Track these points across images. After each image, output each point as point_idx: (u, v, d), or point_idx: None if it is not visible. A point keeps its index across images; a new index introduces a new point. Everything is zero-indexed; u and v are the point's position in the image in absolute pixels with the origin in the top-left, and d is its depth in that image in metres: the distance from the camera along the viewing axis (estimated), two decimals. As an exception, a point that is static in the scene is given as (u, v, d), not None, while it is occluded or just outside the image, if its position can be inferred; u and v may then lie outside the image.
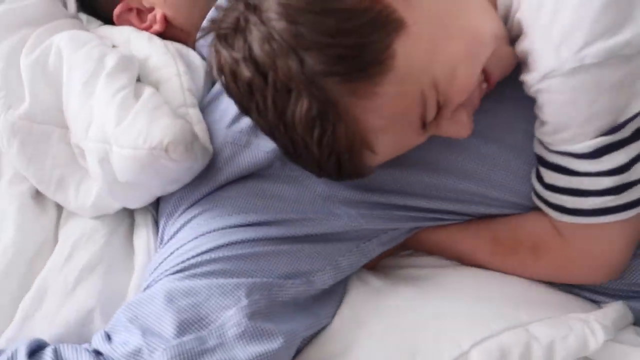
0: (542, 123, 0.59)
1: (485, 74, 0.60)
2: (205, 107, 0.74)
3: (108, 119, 0.65)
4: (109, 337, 0.60)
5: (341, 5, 0.53)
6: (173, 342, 0.57)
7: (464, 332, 0.62)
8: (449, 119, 0.59)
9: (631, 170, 0.57)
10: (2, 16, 0.76)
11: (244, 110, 0.59)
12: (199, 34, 0.64)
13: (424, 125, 0.57)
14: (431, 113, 0.56)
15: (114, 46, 0.76)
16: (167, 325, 0.58)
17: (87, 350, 0.59)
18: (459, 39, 0.56)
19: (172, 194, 0.71)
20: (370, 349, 0.63)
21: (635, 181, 0.58)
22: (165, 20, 0.80)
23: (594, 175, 0.58)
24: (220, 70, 0.57)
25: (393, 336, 0.63)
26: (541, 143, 0.61)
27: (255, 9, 0.54)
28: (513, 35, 0.59)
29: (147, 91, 0.68)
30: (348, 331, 0.64)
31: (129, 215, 0.77)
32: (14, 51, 0.74)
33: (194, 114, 0.69)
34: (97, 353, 0.59)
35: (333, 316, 0.66)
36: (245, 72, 0.54)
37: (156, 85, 0.72)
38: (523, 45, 0.57)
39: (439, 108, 0.57)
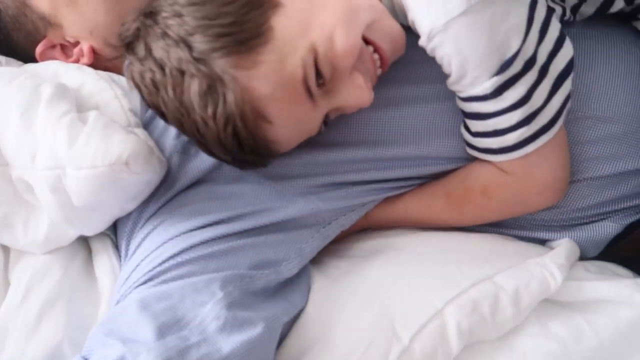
0: (447, 75, 0.65)
1: (374, 45, 0.65)
2: (146, 127, 0.73)
3: (58, 143, 0.63)
4: (86, 359, 0.58)
5: None
6: (155, 343, 0.55)
7: (436, 293, 0.65)
8: (347, 85, 0.63)
9: (532, 99, 0.63)
10: None
11: (155, 110, 0.63)
12: (109, 51, 0.67)
13: (309, 93, 0.62)
14: (312, 79, 0.61)
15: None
16: (145, 331, 0.57)
17: None
18: (334, 7, 0.62)
19: (129, 213, 0.69)
20: (348, 328, 0.64)
21: (540, 107, 0.64)
22: (93, 52, 0.80)
23: (502, 113, 0.64)
24: (132, 76, 0.63)
25: (369, 309, 0.64)
26: (456, 94, 0.67)
27: (151, 14, 0.61)
28: (404, 15, 0.65)
29: (92, 113, 0.67)
30: (324, 314, 0.65)
31: (83, 245, 0.74)
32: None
33: (141, 132, 0.69)
34: None
35: (305, 300, 0.66)
36: (148, 71, 0.60)
37: (97, 111, 0.70)
38: (409, 17, 0.63)
39: (326, 75, 0.62)
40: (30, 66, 0.79)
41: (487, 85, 0.62)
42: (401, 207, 0.75)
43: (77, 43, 0.80)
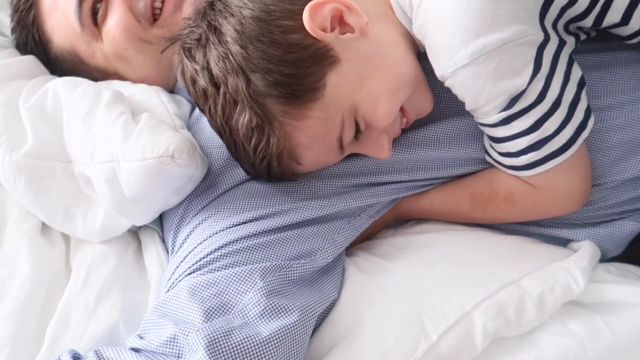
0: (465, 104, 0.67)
1: (403, 110, 0.69)
2: (191, 129, 0.77)
3: (113, 139, 0.67)
4: (141, 337, 0.61)
5: (286, 40, 0.61)
6: (203, 325, 0.58)
7: (465, 295, 0.65)
8: (373, 142, 0.68)
9: (542, 129, 0.64)
10: (-4, 69, 0.78)
11: (200, 109, 0.67)
12: (166, 43, 0.70)
13: (341, 146, 0.66)
14: (348, 136, 0.65)
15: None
16: (194, 314, 0.59)
17: (126, 348, 0.60)
18: (383, 77, 0.64)
19: (177, 208, 0.72)
20: (378, 320, 0.65)
21: (550, 135, 0.65)
22: None
23: (512, 138, 0.66)
24: (183, 74, 0.66)
25: (400, 305, 0.65)
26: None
27: (216, 30, 0.62)
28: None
29: (144, 115, 0.70)
30: (357, 306, 0.66)
31: (135, 238, 0.77)
32: (11, 100, 0.76)
33: (186, 133, 0.72)
34: (135, 350, 0.59)
35: (339, 291, 0.68)
36: (202, 81, 0.63)
37: (147, 115, 0.74)
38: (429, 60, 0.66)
39: (359, 131, 0.65)
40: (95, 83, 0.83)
41: (495, 117, 0.64)
42: (427, 202, 0.76)
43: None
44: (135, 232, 0.79)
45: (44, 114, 0.74)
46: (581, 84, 0.67)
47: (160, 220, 0.77)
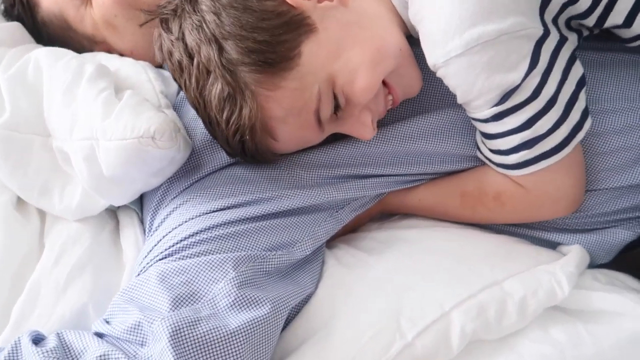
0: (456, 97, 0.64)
1: (389, 87, 0.65)
2: (178, 108, 0.74)
3: (94, 116, 0.64)
4: (107, 322, 0.59)
5: (261, 7, 0.59)
6: (170, 313, 0.56)
7: (446, 294, 0.63)
8: (355, 119, 0.64)
9: (535, 126, 0.62)
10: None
11: (177, 83, 0.65)
12: (145, 16, 0.68)
13: (319, 121, 0.62)
14: (325, 110, 0.62)
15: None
16: (162, 301, 0.57)
17: (89, 333, 0.57)
18: (364, 47, 0.62)
19: (157, 189, 0.70)
20: (354, 316, 0.62)
21: (543, 134, 0.62)
22: None
23: (503, 135, 0.63)
24: (161, 48, 0.64)
25: (378, 300, 0.63)
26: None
27: (192, 0, 0.60)
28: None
29: (127, 92, 0.67)
30: (334, 299, 0.64)
31: (112, 218, 0.75)
32: (-11, 68, 0.73)
33: (171, 113, 0.69)
34: (99, 335, 0.57)
35: (316, 284, 0.66)
36: (177, 53, 0.61)
37: (132, 91, 0.71)
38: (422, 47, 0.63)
39: (339, 106, 0.62)
40: (80, 55, 0.79)
41: (487, 112, 0.62)
42: (415, 198, 0.74)
43: (121, 55, 0.81)
44: (114, 212, 0.76)
45: (24, 84, 0.72)
46: (580, 84, 0.64)
47: (141, 200, 0.75)
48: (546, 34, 0.60)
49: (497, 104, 0.61)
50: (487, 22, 0.56)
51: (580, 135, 0.64)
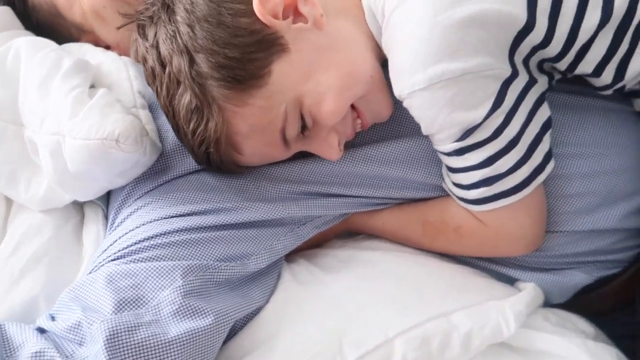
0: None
1: (357, 111, 0.66)
2: (155, 109, 0.74)
3: (63, 112, 0.64)
4: (52, 318, 0.59)
5: (235, 23, 0.59)
6: (111, 316, 0.56)
7: (393, 321, 0.63)
8: (322, 140, 0.65)
9: (495, 165, 0.62)
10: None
11: (151, 88, 0.66)
12: (124, 20, 0.69)
13: (285, 139, 0.63)
14: (291, 130, 0.62)
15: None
16: (106, 303, 0.57)
17: (31, 327, 0.58)
18: (334, 71, 0.62)
19: (123, 188, 0.70)
20: (299, 334, 0.63)
21: (503, 174, 0.62)
22: None
23: (464, 170, 0.63)
24: (136, 52, 0.65)
25: (325, 320, 0.63)
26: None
27: (168, 9, 0.61)
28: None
29: (101, 90, 0.68)
30: (282, 314, 0.64)
31: (79, 210, 0.75)
32: (-29, 52, 0.74)
33: (144, 114, 0.70)
34: (42, 330, 0.58)
35: (267, 299, 0.66)
36: (151, 60, 0.62)
37: (109, 89, 0.71)
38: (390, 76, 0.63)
39: (306, 127, 0.63)
40: (66, 45, 0.80)
41: (449, 147, 0.62)
42: (379, 221, 0.74)
43: (108, 47, 0.82)
44: (81, 206, 0.77)
45: (2, 72, 0.72)
46: (546, 126, 0.64)
47: (108, 197, 0.75)
48: (514, 74, 0.60)
49: (458, 140, 0.61)
50: (452, 60, 0.56)
51: (541, 178, 0.65)
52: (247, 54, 0.59)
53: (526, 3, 0.57)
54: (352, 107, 0.65)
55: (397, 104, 0.67)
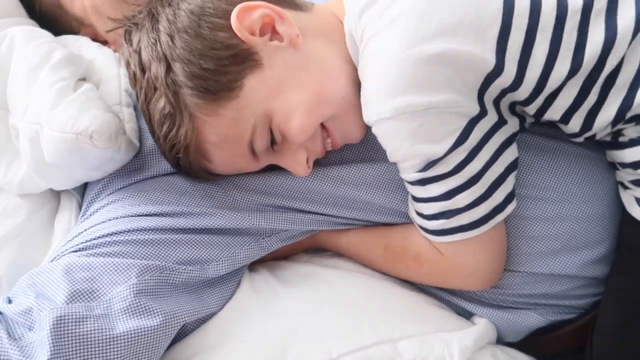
0: None
1: (327, 131, 0.67)
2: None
3: (44, 103, 0.66)
4: (9, 300, 0.61)
5: (212, 36, 0.61)
6: (62, 305, 0.58)
7: (339, 341, 0.65)
8: (290, 155, 0.66)
9: (454, 199, 0.63)
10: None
11: (134, 90, 0.68)
12: (112, 25, 0.71)
13: (253, 151, 0.65)
14: (259, 143, 0.64)
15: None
16: (60, 292, 0.59)
17: None
18: (304, 90, 0.63)
19: (98, 181, 0.72)
20: (245, 343, 0.64)
21: (461, 209, 0.63)
22: None
23: (426, 200, 0.64)
24: (122, 55, 0.68)
25: (273, 333, 0.65)
26: None
27: (152, 18, 0.64)
28: None
29: (86, 85, 0.70)
30: (232, 322, 0.66)
31: (55, 198, 0.77)
32: (-32, 36, 0.76)
33: (127, 112, 0.72)
34: None
35: (223, 306, 0.67)
36: (133, 64, 0.65)
37: (97, 84, 0.74)
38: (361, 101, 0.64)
39: (275, 142, 0.64)
40: (64, 37, 0.83)
41: (412, 176, 0.63)
42: (344, 241, 0.75)
43: (105, 42, 0.84)
44: (58, 193, 0.79)
45: (-5, 58, 0.75)
46: (511, 168, 0.65)
47: (85, 188, 0.77)
48: (482, 114, 0.61)
49: (420, 171, 0.62)
50: (417, 94, 0.58)
51: (500, 217, 0.66)
52: (221, 67, 0.61)
53: (495, 48, 0.58)
54: (323, 126, 0.67)
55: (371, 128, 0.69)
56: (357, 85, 0.67)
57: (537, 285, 0.72)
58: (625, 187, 0.68)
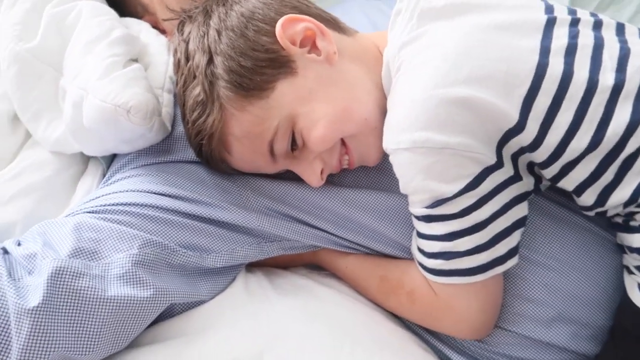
0: None
1: (346, 148, 0.69)
2: None
3: (93, 72, 0.71)
4: (19, 243, 0.64)
5: (255, 38, 0.65)
6: (64, 258, 0.60)
7: (316, 357, 0.65)
8: (307, 163, 0.69)
9: (455, 242, 0.63)
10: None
11: (175, 76, 0.72)
12: (170, 15, 0.76)
13: (272, 152, 0.67)
14: (279, 145, 0.67)
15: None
16: (65, 246, 0.62)
17: None
18: (331, 103, 0.66)
19: (125, 155, 0.76)
20: (226, 336, 0.65)
21: (461, 253, 0.64)
22: None
23: (428, 238, 0.65)
24: (172, 42, 0.72)
25: (254, 335, 0.66)
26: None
27: (206, 14, 0.68)
28: None
29: (134, 65, 0.74)
30: (218, 315, 0.67)
31: (83, 162, 0.81)
32: (42, 0, 0.82)
33: (167, 97, 0.75)
34: (5, 251, 0.63)
35: (213, 297, 0.69)
36: (179, 52, 0.69)
37: (146, 67, 0.78)
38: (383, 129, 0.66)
39: (296, 146, 0.67)
40: (128, 19, 0.88)
41: (419, 211, 0.64)
42: (343, 264, 0.76)
43: (163, 31, 0.89)
44: (87, 158, 0.83)
45: (61, 24, 0.80)
46: (518, 224, 0.65)
47: (112, 160, 0.81)
48: (498, 165, 0.62)
49: (427, 207, 0.63)
50: (436, 132, 0.59)
51: (499, 269, 0.66)
52: (258, 67, 0.64)
53: (520, 106, 0.59)
54: (343, 143, 0.69)
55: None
56: (383, 111, 0.68)
57: (524, 349, 0.71)
58: (630, 272, 0.67)
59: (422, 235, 0.67)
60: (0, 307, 0.56)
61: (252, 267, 0.77)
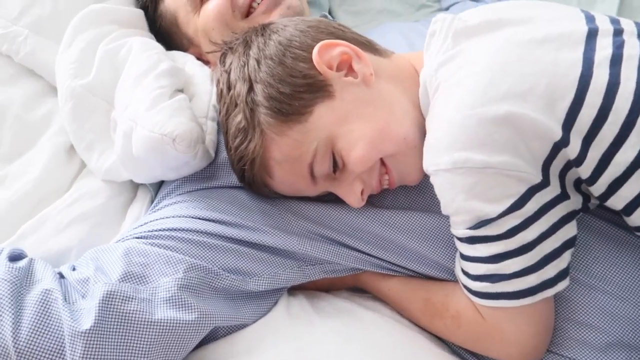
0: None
1: (386, 168, 0.69)
2: None
3: (142, 104, 0.75)
4: (73, 268, 0.68)
5: (293, 65, 0.67)
6: (114, 282, 0.63)
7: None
8: (347, 185, 0.69)
9: (502, 264, 0.61)
10: (100, 11, 0.90)
11: (218, 105, 0.74)
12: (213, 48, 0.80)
13: (312, 175, 0.68)
14: (319, 167, 0.67)
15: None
16: (116, 270, 0.65)
17: (54, 270, 0.67)
18: (369, 124, 0.67)
19: (172, 182, 0.79)
20: (267, 359, 0.65)
21: (509, 275, 0.62)
22: None
23: (472, 260, 0.64)
24: (214, 73, 0.74)
25: (294, 357, 0.66)
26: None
27: (246, 45, 0.71)
28: None
29: (180, 96, 0.78)
30: (260, 338, 0.68)
31: (132, 189, 0.85)
32: (97, 38, 0.87)
33: (210, 125, 0.79)
34: (61, 275, 0.67)
35: (255, 320, 0.70)
36: (222, 82, 0.72)
37: (191, 97, 0.82)
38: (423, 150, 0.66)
39: (337, 167, 0.67)
40: (174, 52, 0.92)
41: (461, 232, 0.63)
42: (386, 287, 0.76)
43: (207, 62, 0.93)
44: (137, 186, 0.86)
45: (114, 60, 0.85)
46: (568, 244, 0.63)
47: (160, 186, 0.84)
48: (544, 184, 0.60)
49: (471, 228, 0.62)
50: (476, 151, 0.59)
51: (549, 292, 0.63)
52: (296, 92, 0.66)
53: (563, 121, 0.58)
54: (383, 163, 0.69)
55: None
56: (422, 131, 0.68)
57: None
58: None
59: (465, 257, 0.65)
60: (56, 330, 0.59)
61: (294, 290, 0.77)
